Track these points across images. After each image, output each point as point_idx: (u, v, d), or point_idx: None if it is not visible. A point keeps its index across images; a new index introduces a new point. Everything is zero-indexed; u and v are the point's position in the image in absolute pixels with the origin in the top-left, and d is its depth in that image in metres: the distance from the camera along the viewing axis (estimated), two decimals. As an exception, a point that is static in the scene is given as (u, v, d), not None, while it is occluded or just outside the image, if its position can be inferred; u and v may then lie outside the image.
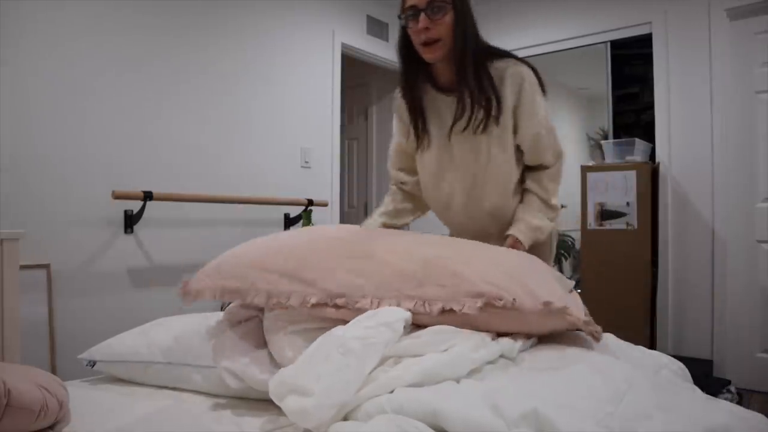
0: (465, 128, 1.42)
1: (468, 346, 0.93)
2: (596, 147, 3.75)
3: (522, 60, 1.46)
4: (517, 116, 1.43)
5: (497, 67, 1.42)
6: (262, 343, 1.11)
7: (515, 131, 1.45)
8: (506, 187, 1.50)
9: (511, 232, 1.45)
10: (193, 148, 2.75)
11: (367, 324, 0.92)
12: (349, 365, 0.83)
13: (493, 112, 1.39)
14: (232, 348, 1.08)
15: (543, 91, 1.46)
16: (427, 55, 1.37)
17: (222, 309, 2.79)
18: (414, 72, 1.45)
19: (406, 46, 1.43)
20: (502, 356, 0.97)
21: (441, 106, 1.48)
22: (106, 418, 1.01)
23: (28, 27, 2.17)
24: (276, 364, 1.04)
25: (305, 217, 3.01)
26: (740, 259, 2.87)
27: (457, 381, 0.87)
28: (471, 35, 1.37)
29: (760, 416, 0.80)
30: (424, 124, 1.49)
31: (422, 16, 1.31)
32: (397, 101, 1.57)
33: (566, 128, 5.00)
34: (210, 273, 1.17)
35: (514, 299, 0.96)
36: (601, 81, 3.63)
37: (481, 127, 1.41)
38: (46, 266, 2.19)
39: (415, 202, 1.69)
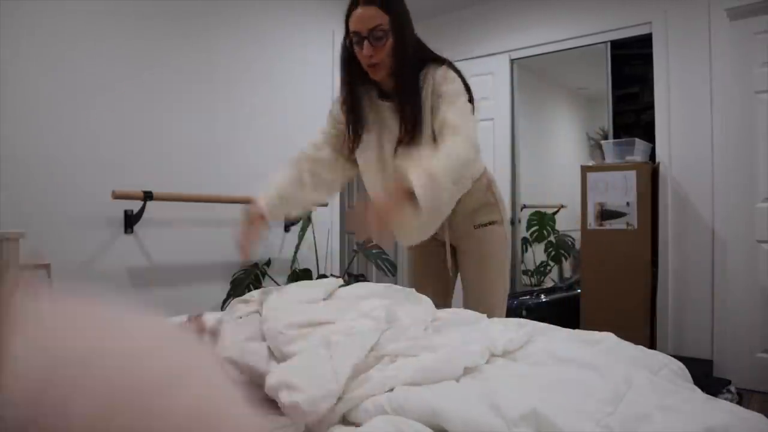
0: (406, 140, 1.49)
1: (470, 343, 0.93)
2: (596, 147, 3.75)
3: (444, 61, 1.52)
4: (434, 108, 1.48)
5: (430, 72, 1.49)
6: (262, 337, 1.12)
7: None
8: None
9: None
10: (193, 148, 2.75)
11: (349, 316, 0.95)
12: (333, 356, 0.86)
13: (426, 127, 1.48)
14: (233, 341, 1.09)
15: (467, 88, 1.50)
16: (373, 76, 1.49)
17: (222, 309, 2.80)
18: (356, 79, 1.54)
19: (350, 57, 1.51)
20: (500, 356, 0.97)
21: (382, 111, 1.56)
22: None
23: (28, 27, 2.17)
24: (274, 358, 1.05)
25: (305, 217, 3.02)
26: (740, 259, 2.87)
27: (457, 380, 0.87)
28: (410, 53, 1.46)
29: (759, 416, 0.80)
30: (361, 128, 1.57)
31: (365, 43, 1.41)
32: (336, 105, 1.62)
33: (566, 128, 5.02)
34: None
35: None
36: (601, 81, 3.62)
37: (410, 138, 1.48)
38: (46, 266, 2.19)
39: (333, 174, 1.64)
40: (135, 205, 2.46)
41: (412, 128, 1.48)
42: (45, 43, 2.22)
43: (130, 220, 2.47)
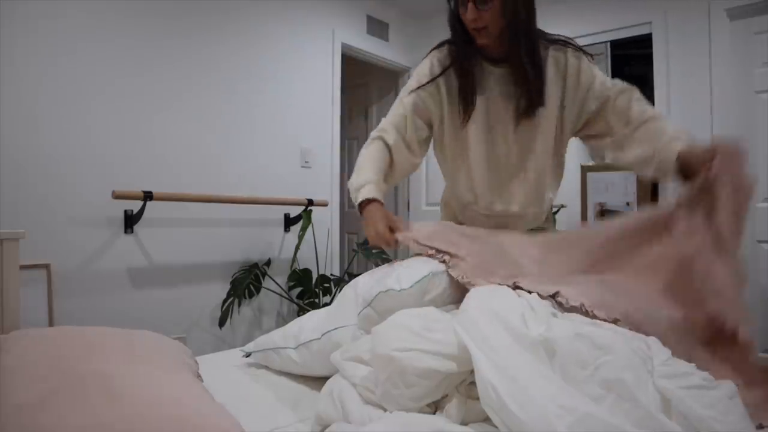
0: (522, 110, 1.41)
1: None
2: (596, 147, 3.75)
3: (573, 45, 1.48)
4: (575, 99, 1.47)
5: (549, 53, 1.43)
6: None
7: (564, 118, 1.47)
8: (538, 187, 1.54)
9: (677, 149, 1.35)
10: (193, 148, 2.75)
11: None
12: None
13: (539, 94, 1.40)
14: None
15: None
16: (478, 40, 1.37)
17: (222, 308, 2.79)
18: (465, 43, 1.42)
19: (457, 20, 1.40)
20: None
21: (489, 78, 1.44)
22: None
23: (28, 27, 2.17)
24: None
25: (305, 217, 3.01)
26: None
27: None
28: (522, 21, 1.34)
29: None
30: (473, 95, 1.44)
31: (470, 5, 1.31)
32: (425, 69, 1.49)
33: (566, 128, 5.01)
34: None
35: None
36: (601, 81, 3.62)
37: (531, 108, 1.40)
38: (46, 266, 2.19)
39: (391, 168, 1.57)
40: (135, 205, 2.46)
41: (538, 95, 1.39)
42: (45, 43, 2.22)
43: (130, 220, 2.47)
